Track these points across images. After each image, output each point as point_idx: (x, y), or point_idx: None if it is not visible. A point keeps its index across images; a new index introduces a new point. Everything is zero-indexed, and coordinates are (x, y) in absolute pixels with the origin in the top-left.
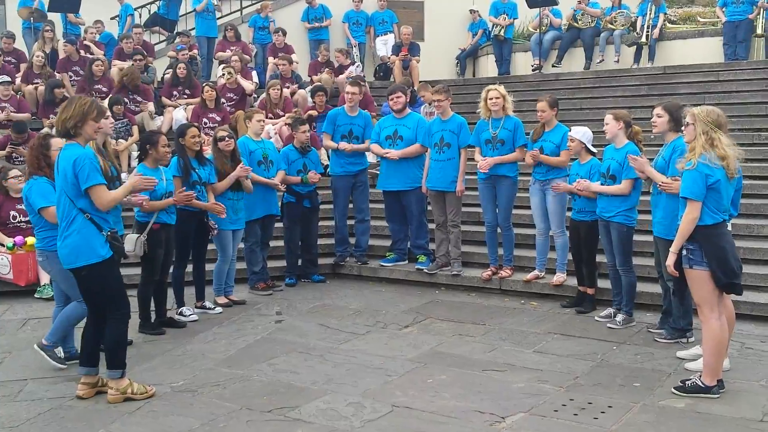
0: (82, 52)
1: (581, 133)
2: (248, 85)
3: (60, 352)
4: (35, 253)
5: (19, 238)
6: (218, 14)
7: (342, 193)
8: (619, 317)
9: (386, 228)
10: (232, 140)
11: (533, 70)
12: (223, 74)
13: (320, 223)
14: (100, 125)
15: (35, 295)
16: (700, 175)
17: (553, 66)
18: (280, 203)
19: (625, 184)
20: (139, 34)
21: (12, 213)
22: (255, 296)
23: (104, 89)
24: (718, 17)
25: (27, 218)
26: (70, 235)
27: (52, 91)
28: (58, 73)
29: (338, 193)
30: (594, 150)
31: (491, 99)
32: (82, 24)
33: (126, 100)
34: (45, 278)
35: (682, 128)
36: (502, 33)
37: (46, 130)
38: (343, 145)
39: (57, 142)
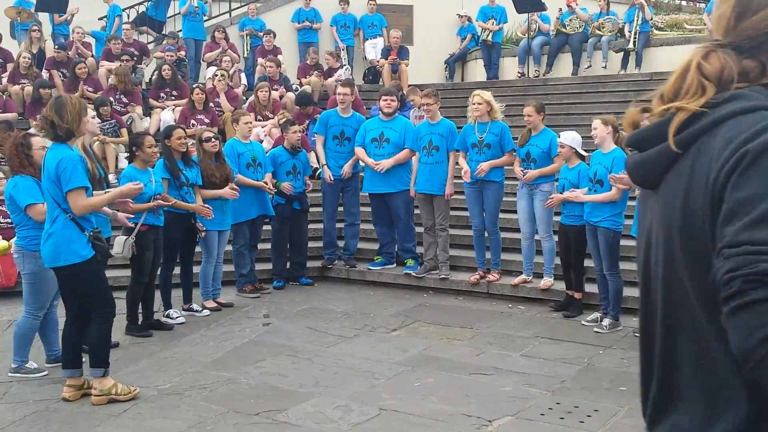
0: (70, 53)
1: (571, 138)
2: (227, 105)
3: (32, 364)
4: (3, 257)
5: None
6: (205, 17)
7: (330, 197)
8: (606, 321)
9: (374, 231)
10: (218, 141)
11: (519, 76)
12: (216, 75)
13: (309, 226)
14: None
15: None
16: None
17: (544, 75)
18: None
19: (615, 189)
20: (128, 30)
21: None
22: (243, 299)
23: (90, 90)
24: (705, 24)
25: (8, 220)
26: (52, 234)
27: (38, 90)
28: (47, 70)
29: (326, 196)
30: (584, 154)
31: (474, 104)
32: (69, 19)
33: (112, 100)
34: None
35: None
36: (490, 38)
37: (33, 130)
38: (326, 174)
39: (38, 141)
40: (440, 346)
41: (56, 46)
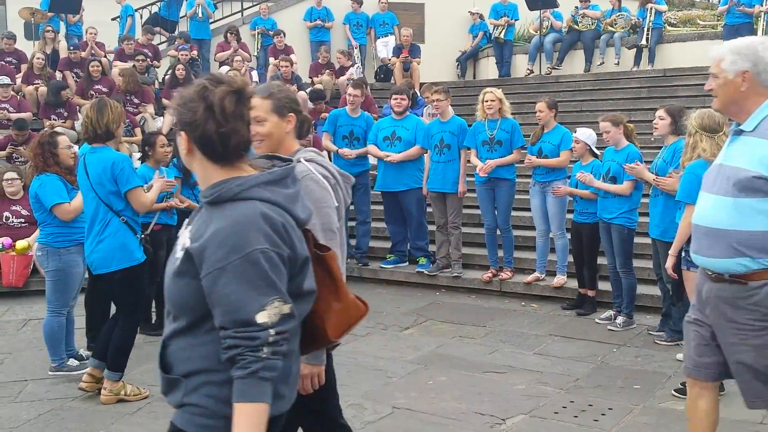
0: (84, 54)
1: (587, 135)
2: None
3: (74, 361)
4: (22, 257)
5: (7, 241)
6: (218, 16)
7: None
8: (620, 319)
9: (386, 229)
10: None
11: (528, 74)
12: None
13: None
14: None
15: None
16: (695, 178)
17: (554, 69)
18: None
19: (627, 185)
20: (148, 37)
21: (5, 214)
22: None
23: (104, 90)
24: (717, 20)
25: (20, 219)
26: (105, 239)
27: (58, 93)
28: (61, 71)
29: None
30: (597, 152)
31: (486, 102)
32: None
33: (125, 101)
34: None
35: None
36: (502, 35)
37: (60, 129)
38: (344, 151)
39: (64, 140)
40: (453, 344)
41: (71, 47)
